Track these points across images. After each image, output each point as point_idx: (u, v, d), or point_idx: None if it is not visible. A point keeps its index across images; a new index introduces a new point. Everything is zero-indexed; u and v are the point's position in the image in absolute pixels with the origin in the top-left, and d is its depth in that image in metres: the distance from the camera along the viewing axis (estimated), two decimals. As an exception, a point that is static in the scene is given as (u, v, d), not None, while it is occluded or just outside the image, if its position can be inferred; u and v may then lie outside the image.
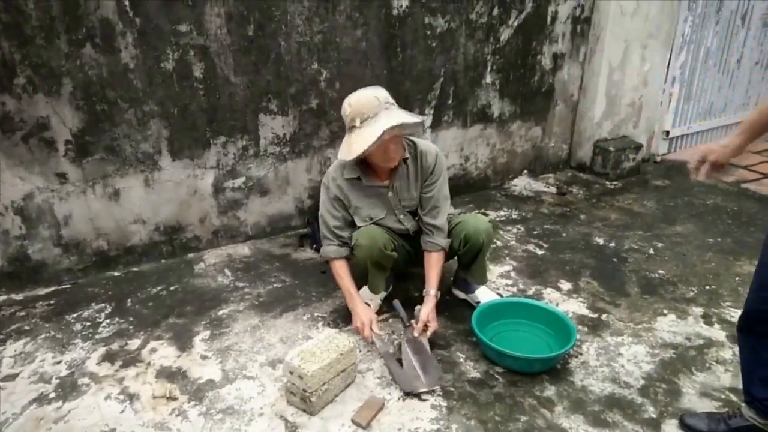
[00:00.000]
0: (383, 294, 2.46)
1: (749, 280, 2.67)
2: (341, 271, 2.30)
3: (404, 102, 3.26)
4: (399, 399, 1.96)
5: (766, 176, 4.01)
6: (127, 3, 2.40)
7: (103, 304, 2.55)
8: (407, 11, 3.08)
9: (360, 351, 2.19)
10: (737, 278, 2.74)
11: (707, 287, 2.67)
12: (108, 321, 2.43)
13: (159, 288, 2.69)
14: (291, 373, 1.87)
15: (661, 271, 2.81)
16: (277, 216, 3.16)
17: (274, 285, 2.71)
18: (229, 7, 2.60)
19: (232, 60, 2.70)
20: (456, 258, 2.45)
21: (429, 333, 2.18)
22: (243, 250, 3.05)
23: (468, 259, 2.38)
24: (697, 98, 4.36)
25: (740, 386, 2.02)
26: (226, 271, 2.84)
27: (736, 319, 2.40)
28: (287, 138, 3.00)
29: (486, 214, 2.37)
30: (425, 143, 2.29)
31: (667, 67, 4.05)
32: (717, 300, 2.56)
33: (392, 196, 2.28)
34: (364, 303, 2.28)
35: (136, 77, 2.53)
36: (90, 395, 1.99)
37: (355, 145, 2.01)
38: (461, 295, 2.52)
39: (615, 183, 3.95)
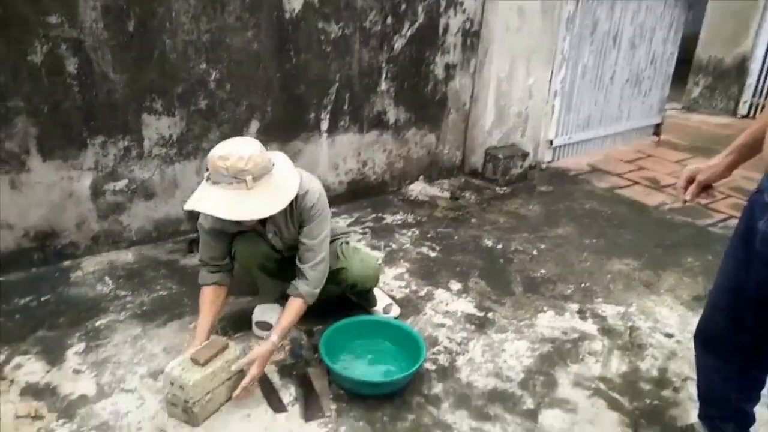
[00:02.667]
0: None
1: (619, 277, 2.95)
2: (206, 299, 2.05)
3: (298, 106, 3.24)
4: (289, 404, 1.93)
5: (636, 183, 4.40)
6: (-14, -12, 2.20)
7: (-43, 320, 2.30)
8: (300, 15, 3.07)
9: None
10: (608, 276, 2.98)
11: (582, 285, 2.87)
12: (-37, 338, 2.19)
13: (28, 299, 2.46)
14: (171, 384, 1.78)
15: (543, 271, 2.99)
16: (165, 220, 3.01)
17: (160, 293, 2.58)
18: (105, 0, 2.45)
19: (110, 56, 2.54)
20: None
21: (246, 381, 1.86)
22: (126, 256, 2.87)
23: (357, 294, 2.41)
24: (577, 110, 4.71)
25: (608, 375, 2.21)
26: (107, 279, 2.66)
27: (606, 314, 2.63)
28: (174, 139, 2.87)
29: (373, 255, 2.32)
30: (308, 179, 2.03)
31: (550, 81, 4.34)
32: (591, 297, 2.77)
33: (272, 237, 2.12)
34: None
35: (-1, 70, 2.32)
36: (-63, 421, 1.78)
37: (190, 200, 1.81)
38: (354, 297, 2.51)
39: (504, 188, 4.16)
